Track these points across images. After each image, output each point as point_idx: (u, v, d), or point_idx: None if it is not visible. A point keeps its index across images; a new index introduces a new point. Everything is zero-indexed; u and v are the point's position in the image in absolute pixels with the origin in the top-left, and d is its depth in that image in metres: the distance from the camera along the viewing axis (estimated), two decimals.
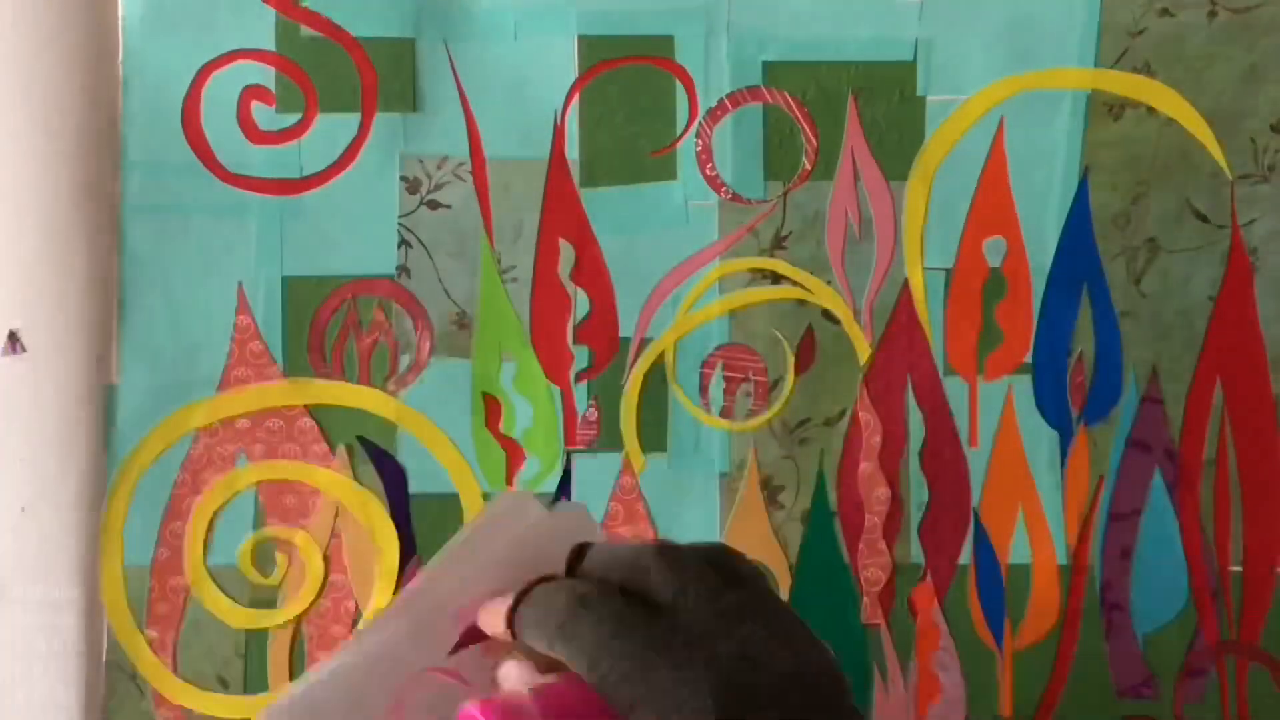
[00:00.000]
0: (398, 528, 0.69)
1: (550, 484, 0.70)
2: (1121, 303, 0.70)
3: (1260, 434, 0.70)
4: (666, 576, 0.49)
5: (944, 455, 0.70)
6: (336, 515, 0.69)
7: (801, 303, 0.70)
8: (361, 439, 0.69)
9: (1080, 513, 0.70)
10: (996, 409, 0.70)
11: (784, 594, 0.70)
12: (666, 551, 0.49)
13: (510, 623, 0.49)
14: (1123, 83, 0.69)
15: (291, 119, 0.69)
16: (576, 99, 0.69)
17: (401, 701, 0.53)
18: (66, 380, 0.68)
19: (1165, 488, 0.70)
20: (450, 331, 0.70)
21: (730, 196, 0.70)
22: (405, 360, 0.70)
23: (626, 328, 0.70)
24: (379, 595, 0.69)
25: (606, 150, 0.69)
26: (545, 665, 0.49)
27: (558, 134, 0.69)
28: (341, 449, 0.69)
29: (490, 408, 0.70)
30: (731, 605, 0.48)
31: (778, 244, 0.70)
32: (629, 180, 0.69)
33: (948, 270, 0.70)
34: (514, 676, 0.49)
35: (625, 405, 0.70)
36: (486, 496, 0.70)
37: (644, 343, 0.70)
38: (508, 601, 0.50)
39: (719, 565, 0.49)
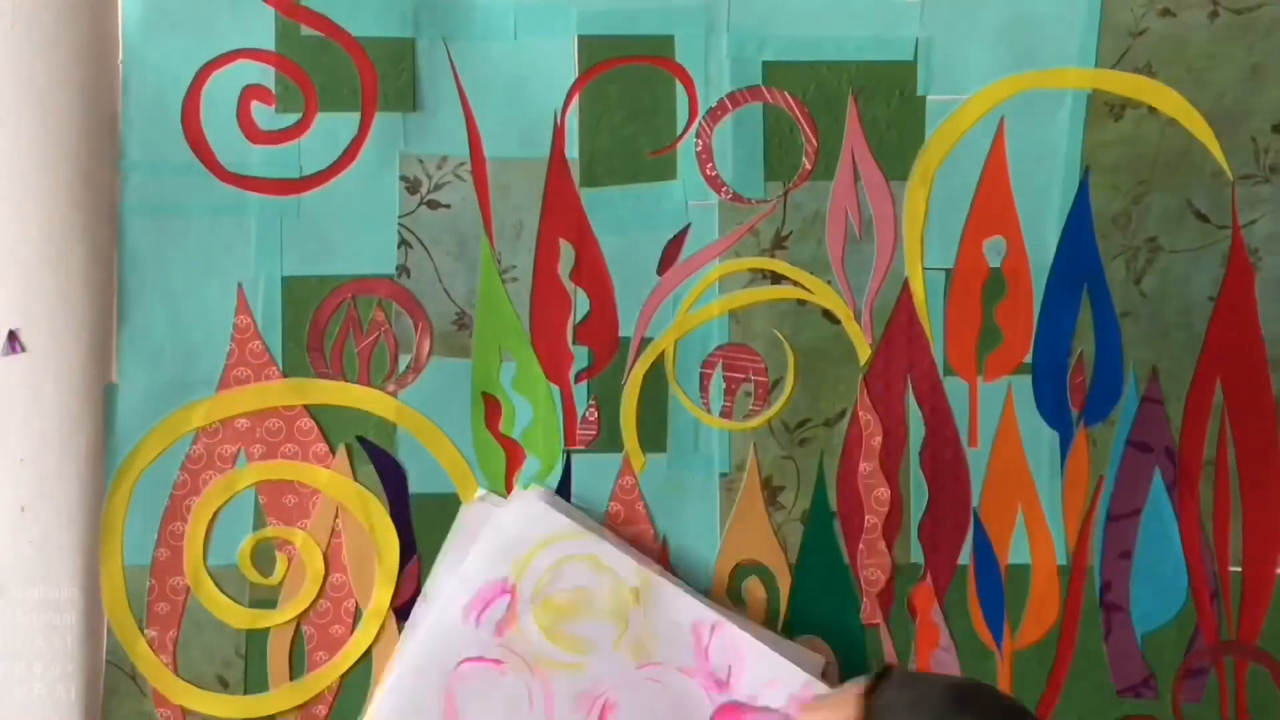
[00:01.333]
0: (398, 528, 0.69)
1: (550, 483, 0.70)
2: (1121, 303, 0.70)
3: (1260, 434, 0.70)
4: None
5: (944, 455, 0.70)
6: (336, 515, 0.69)
7: (801, 303, 0.70)
8: (361, 439, 0.69)
9: (1080, 513, 0.70)
10: (996, 409, 0.70)
11: (784, 594, 0.70)
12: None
13: None
14: (1123, 83, 0.69)
15: (291, 119, 0.69)
16: (576, 99, 0.69)
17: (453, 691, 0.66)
18: (66, 380, 0.68)
19: (1165, 488, 0.70)
20: (450, 331, 0.70)
21: (730, 196, 0.70)
22: (405, 360, 0.70)
23: (626, 328, 0.70)
24: (379, 595, 0.69)
25: (606, 150, 0.69)
26: None
27: (558, 134, 0.69)
28: (341, 449, 0.69)
29: (490, 407, 0.70)
30: None
31: (778, 244, 0.70)
32: (629, 180, 0.69)
33: (948, 270, 0.70)
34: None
35: (625, 405, 0.70)
36: (485, 497, 0.70)
37: (644, 343, 0.70)
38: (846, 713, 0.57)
39: None
